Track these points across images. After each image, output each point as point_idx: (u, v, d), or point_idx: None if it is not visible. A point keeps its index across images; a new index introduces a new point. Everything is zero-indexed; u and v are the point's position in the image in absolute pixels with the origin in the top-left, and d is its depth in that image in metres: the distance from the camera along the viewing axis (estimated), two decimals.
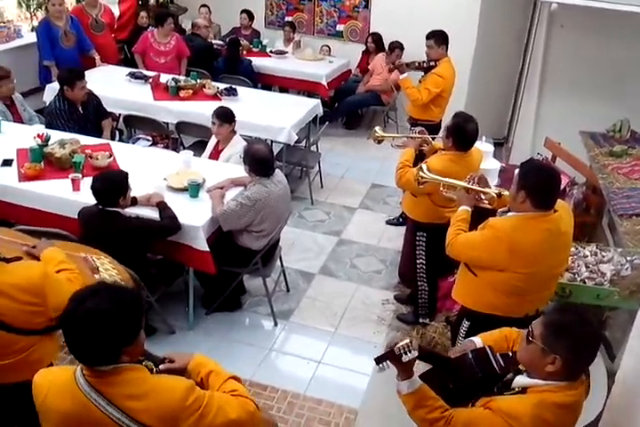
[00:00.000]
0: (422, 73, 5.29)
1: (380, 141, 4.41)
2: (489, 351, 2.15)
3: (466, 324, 3.11)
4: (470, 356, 2.17)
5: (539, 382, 1.94)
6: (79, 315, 1.74)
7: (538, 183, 2.72)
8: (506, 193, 3.07)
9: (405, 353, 2.04)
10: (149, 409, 1.76)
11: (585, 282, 3.35)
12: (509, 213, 2.86)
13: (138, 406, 1.76)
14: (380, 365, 2.07)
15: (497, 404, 1.95)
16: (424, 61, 5.21)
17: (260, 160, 3.87)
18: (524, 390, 1.97)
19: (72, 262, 2.67)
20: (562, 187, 4.43)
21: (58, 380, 1.87)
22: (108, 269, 3.02)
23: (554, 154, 5.15)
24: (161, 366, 2.01)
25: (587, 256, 3.53)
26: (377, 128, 4.39)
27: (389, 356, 2.06)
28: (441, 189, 3.43)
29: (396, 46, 7.05)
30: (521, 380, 2.00)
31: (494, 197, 3.18)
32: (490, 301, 2.93)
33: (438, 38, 5.12)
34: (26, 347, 2.42)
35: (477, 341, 2.33)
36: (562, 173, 4.45)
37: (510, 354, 2.17)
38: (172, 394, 1.79)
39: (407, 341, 2.07)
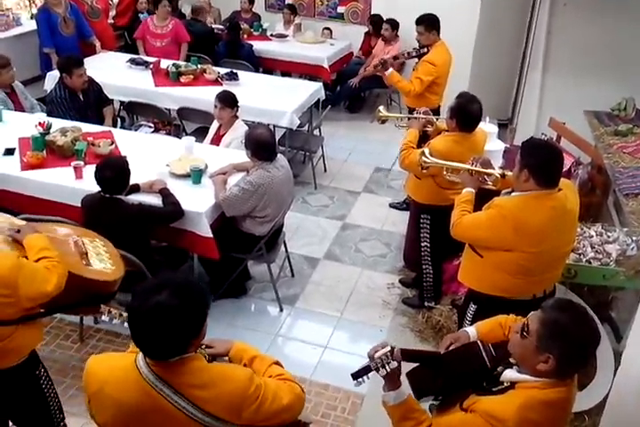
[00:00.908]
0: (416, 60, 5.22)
1: (383, 121, 4.37)
2: (480, 345, 2.07)
3: (472, 307, 3.10)
4: (460, 351, 2.11)
5: (528, 378, 1.88)
6: (148, 309, 1.71)
7: (540, 161, 2.70)
8: (509, 173, 3.04)
9: (383, 366, 1.99)
10: (215, 398, 1.78)
11: (590, 262, 3.33)
12: (514, 193, 2.85)
13: (204, 395, 1.77)
14: (359, 379, 2.01)
15: (482, 406, 1.88)
16: (414, 49, 5.13)
17: (262, 144, 3.85)
18: (512, 384, 1.90)
19: (54, 249, 2.57)
20: (567, 167, 4.41)
21: (118, 369, 1.85)
22: (100, 254, 2.93)
23: (559, 134, 5.10)
24: (206, 352, 2.03)
25: (592, 236, 3.50)
26: (381, 107, 4.36)
27: (367, 371, 2.00)
28: (444, 172, 3.40)
29: (384, 22, 7.00)
30: (510, 374, 1.93)
31: (498, 177, 3.17)
32: (496, 282, 2.91)
33: (427, 24, 5.04)
34: (2, 336, 2.40)
35: (471, 331, 2.28)
36: (567, 154, 4.43)
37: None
38: (236, 383, 1.81)
39: (387, 349, 2.01)
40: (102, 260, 2.87)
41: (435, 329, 4.00)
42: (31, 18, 6.66)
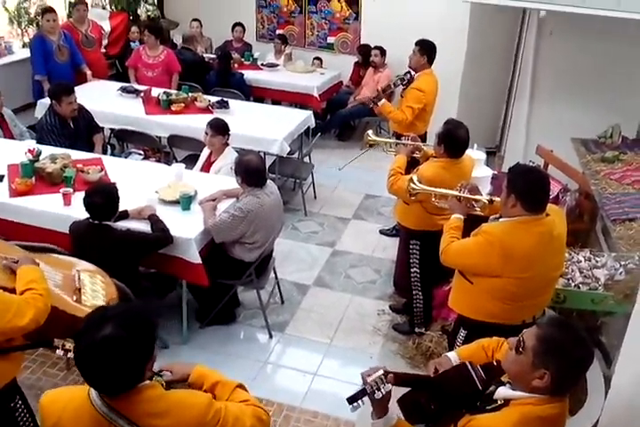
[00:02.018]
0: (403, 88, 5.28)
1: (371, 145, 4.43)
2: (469, 366, 2.07)
3: (463, 332, 3.09)
4: (450, 374, 2.10)
5: (523, 394, 1.87)
6: (95, 346, 1.67)
7: (526, 186, 2.72)
8: (497, 199, 3.07)
9: (379, 389, 1.97)
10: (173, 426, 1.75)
11: (579, 287, 3.34)
12: (502, 219, 2.86)
13: (161, 424, 1.74)
14: (354, 404, 2.00)
15: (477, 423, 1.87)
16: (398, 78, 5.19)
17: (251, 171, 3.86)
18: (506, 402, 1.89)
19: (44, 282, 2.56)
20: (554, 194, 4.45)
21: (72, 402, 1.81)
22: (96, 291, 2.93)
23: (546, 161, 5.16)
24: (164, 378, 1.99)
25: (580, 262, 3.52)
26: (369, 132, 4.41)
27: (363, 394, 1.99)
28: (433, 199, 3.42)
29: (372, 49, 7.14)
30: (504, 391, 1.92)
31: (486, 203, 3.19)
32: (486, 308, 2.92)
33: (422, 47, 5.12)
34: None
35: (452, 356, 2.28)
36: (554, 180, 4.48)
37: (495, 363, 2.11)
38: (194, 410, 1.78)
39: (380, 373, 2.00)
40: (96, 297, 2.87)
41: (425, 355, 3.97)
42: (23, 46, 6.73)
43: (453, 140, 3.66)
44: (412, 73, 5.16)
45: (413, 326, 4.20)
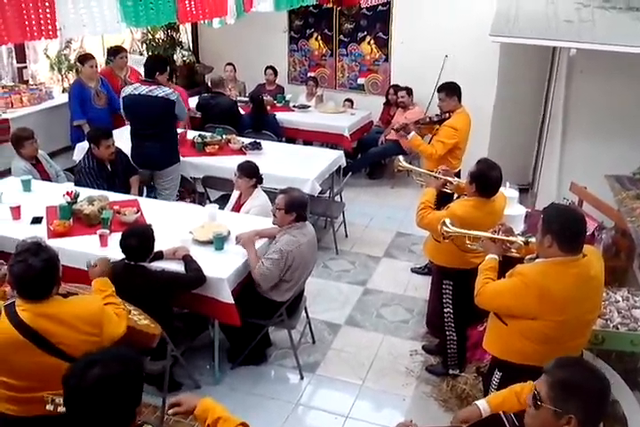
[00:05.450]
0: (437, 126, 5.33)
1: (399, 171, 4.56)
2: (503, 416, 2.02)
3: (498, 375, 3.02)
4: (483, 424, 2.06)
5: None
6: (90, 385, 1.70)
7: (562, 226, 2.69)
8: (533, 240, 3.01)
9: None
10: None
11: (618, 328, 3.26)
12: (537, 260, 2.82)
13: None
14: None
15: None
16: (435, 115, 5.27)
17: (298, 204, 3.94)
18: None
19: (117, 297, 2.86)
20: (590, 231, 4.38)
21: None
22: (138, 314, 3.11)
23: (580, 198, 5.11)
24: (169, 411, 2.02)
25: (618, 301, 3.44)
26: (400, 157, 4.44)
27: None
28: (467, 241, 3.37)
29: (400, 89, 7.24)
30: None
31: (521, 245, 3.13)
32: (521, 350, 2.85)
33: (448, 91, 5.19)
34: None
35: (482, 404, 2.23)
36: (589, 218, 4.42)
37: None
38: None
39: None
40: (141, 319, 3.06)
41: (460, 398, 3.88)
42: (63, 91, 6.97)
43: (486, 181, 3.63)
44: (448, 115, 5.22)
45: (447, 367, 4.12)
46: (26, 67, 6.79)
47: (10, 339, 2.39)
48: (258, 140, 6.13)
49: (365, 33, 7.88)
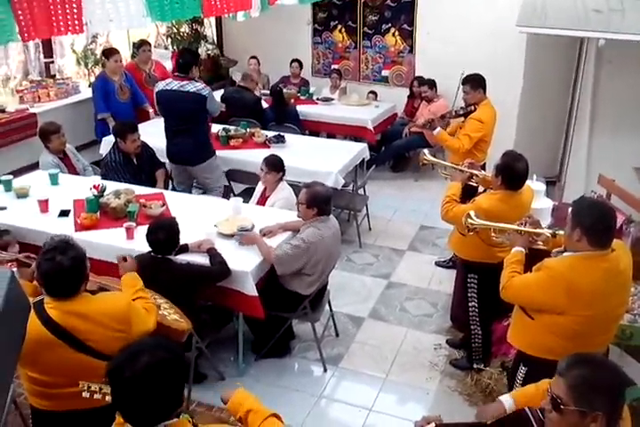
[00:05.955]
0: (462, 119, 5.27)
1: (424, 164, 4.46)
2: (529, 412, 2.00)
3: (523, 369, 3.00)
4: (509, 421, 2.04)
5: None
6: (140, 372, 1.73)
7: (592, 220, 2.65)
8: (560, 233, 2.97)
9: None
10: None
11: None
12: (565, 253, 2.79)
13: None
14: None
15: None
16: (461, 108, 5.21)
17: (322, 199, 3.93)
18: None
19: (147, 291, 2.86)
20: (618, 225, 4.30)
21: None
22: (168, 309, 3.12)
23: (608, 191, 5.02)
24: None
25: None
26: (425, 151, 4.40)
27: None
28: (492, 234, 3.34)
29: (423, 84, 7.20)
30: None
31: (549, 237, 3.10)
32: (547, 345, 2.83)
33: (473, 83, 5.12)
34: None
35: (506, 400, 2.20)
36: (618, 211, 4.33)
37: None
38: None
39: (432, 426, 1.99)
40: (170, 314, 3.06)
41: (484, 393, 3.86)
42: (89, 86, 7.05)
43: (511, 173, 3.58)
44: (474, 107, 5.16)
45: (472, 361, 4.10)
46: (53, 61, 6.87)
47: (39, 337, 2.41)
48: (282, 134, 6.13)
49: (390, 24, 7.82)
